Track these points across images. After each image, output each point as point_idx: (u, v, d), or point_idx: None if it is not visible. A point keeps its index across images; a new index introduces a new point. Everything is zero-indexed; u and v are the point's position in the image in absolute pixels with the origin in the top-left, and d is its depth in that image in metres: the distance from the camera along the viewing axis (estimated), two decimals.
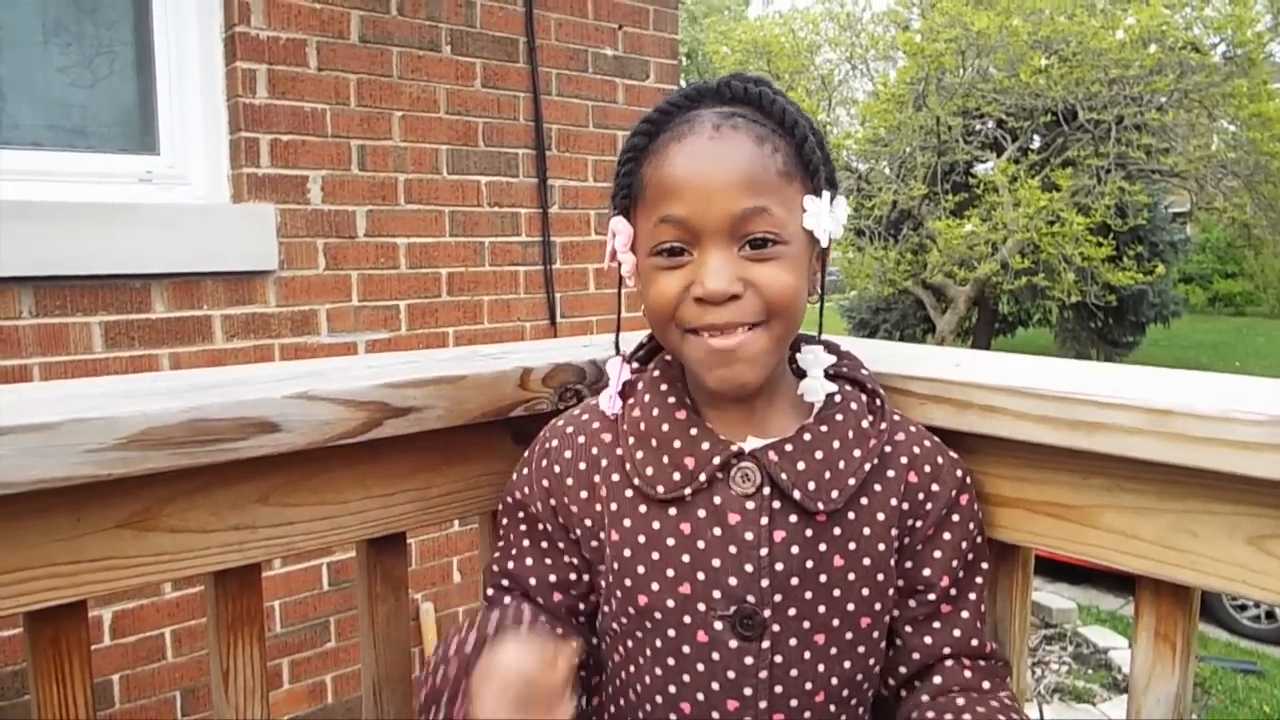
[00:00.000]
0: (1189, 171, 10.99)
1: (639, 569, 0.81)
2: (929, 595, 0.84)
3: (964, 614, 0.85)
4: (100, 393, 0.77)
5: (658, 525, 0.81)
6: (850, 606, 0.80)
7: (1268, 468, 0.67)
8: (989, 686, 0.84)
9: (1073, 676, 5.32)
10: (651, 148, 0.81)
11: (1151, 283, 11.60)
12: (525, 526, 0.89)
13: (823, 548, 0.79)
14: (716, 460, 0.79)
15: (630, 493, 0.82)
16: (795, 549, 0.78)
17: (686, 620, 0.79)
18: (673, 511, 0.80)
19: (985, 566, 0.88)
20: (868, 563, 0.81)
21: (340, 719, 2.70)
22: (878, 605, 0.82)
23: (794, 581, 0.78)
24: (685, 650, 0.79)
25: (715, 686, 0.78)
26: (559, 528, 0.87)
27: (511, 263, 3.03)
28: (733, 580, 0.78)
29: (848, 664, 0.81)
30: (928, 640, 0.85)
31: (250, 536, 0.83)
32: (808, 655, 0.79)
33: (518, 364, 0.95)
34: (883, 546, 0.82)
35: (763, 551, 0.78)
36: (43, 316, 2.20)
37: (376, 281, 2.73)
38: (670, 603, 0.80)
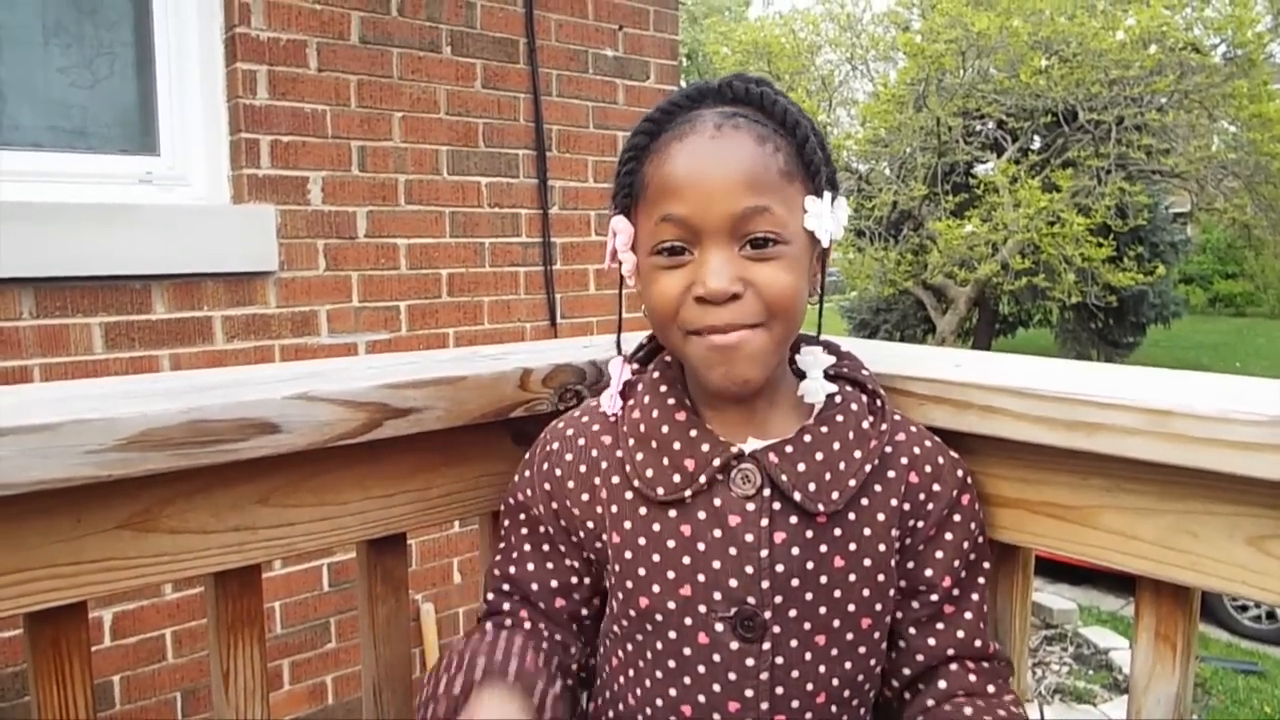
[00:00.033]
0: (1189, 172, 11.00)
1: (640, 571, 0.81)
2: (931, 596, 0.84)
3: (967, 615, 0.85)
4: (100, 394, 0.77)
5: (658, 527, 0.81)
6: (851, 607, 0.80)
7: (1268, 468, 0.67)
8: (994, 690, 0.84)
9: (1073, 677, 5.32)
10: (653, 147, 0.81)
11: (1152, 283, 11.60)
12: (526, 529, 0.89)
13: (823, 549, 0.79)
14: (716, 462, 0.79)
15: (630, 495, 0.82)
16: (796, 550, 0.78)
17: (687, 622, 0.79)
18: (673, 513, 0.80)
19: (987, 566, 0.88)
20: (868, 564, 0.81)
21: None
22: (878, 606, 0.82)
23: (794, 583, 0.78)
24: (686, 652, 0.79)
25: (716, 688, 0.78)
26: (561, 530, 0.87)
27: (512, 264, 3.03)
28: (733, 582, 0.78)
29: (849, 665, 0.81)
30: (931, 642, 0.84)
31: (250, 537, 0.83)
32: (809, 656, 0.79)
33: (518, 365, 0.95)
34: (883, 547, 0.81)
35: (763, 553, 0.78)
36: (43, 317, 2.20)
37: (377, 282, 2.73)
38: (671, 605, 0.80)
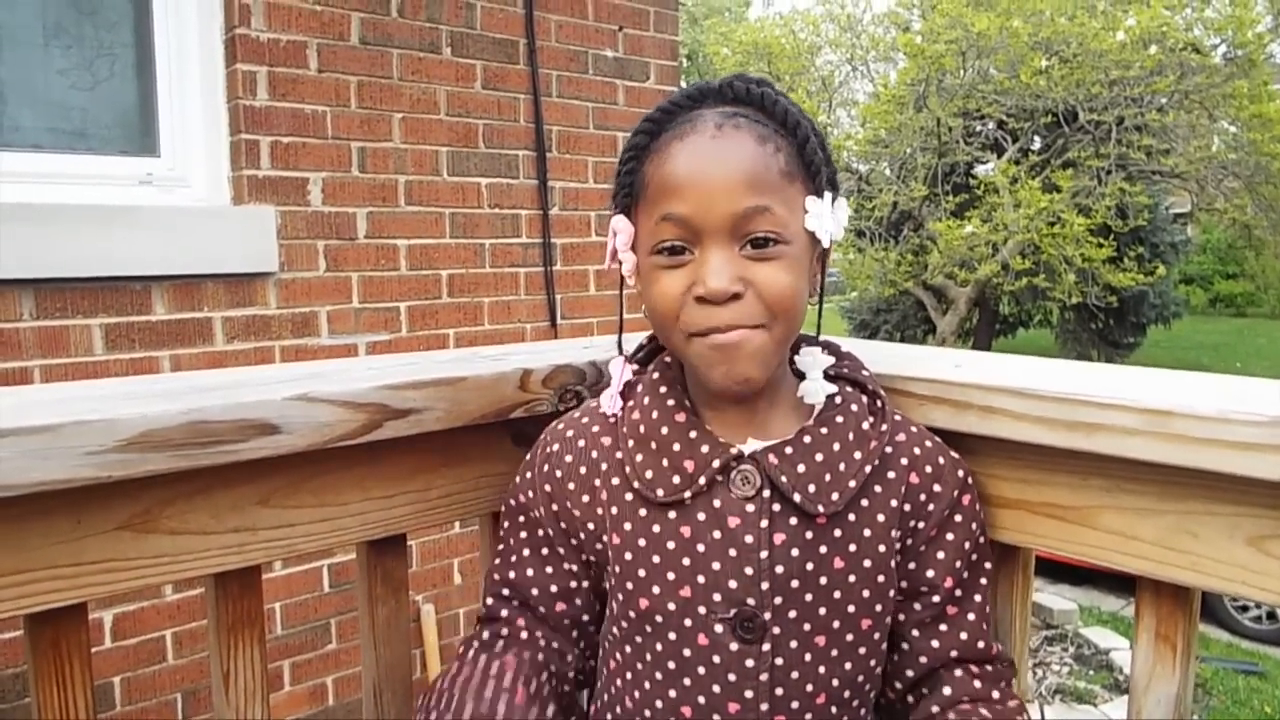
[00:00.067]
0: (1190, 172, 11.00)
1: (640, 572, 0.81)
2: (933, 597, 0.84)
3: (970, 616, 0.85)
4: (101, 395, 0.77)
5: (658, 528, 0.81)
6: (851, 608, 0.80)
7: (1268, 468, 0.67)
8: (998, 695, 0.83)
9: (1074, 677, 5.32)
10: (653, 146, 0.80)
11: (1152, 284, 11.61)
12: (526, 532, 0.89)
13: (823, 550, 0.79)
14: (716, 463, 0.79)
15: (630, 496, 0.82)
16: (795, 551, 0.78)
17: (687, 623, 0.79)
18: (673, 515, 0.80)
19: (989, 567, 0.87)
20: (868, 564, 0.81)
21: None
22: (878, 607, 0.82)
23: (794, 584, 0.78)
24: (686, 653, 0.79)
25: (716, 689, 0.78)
26: (561, 533, 0.87)
27: (512, 264, 3.03)
28: (733, 583, 0.78)
29: (849, 665, 0.81)
30: (934, 644, 0.84)
31: (250, 538, 0.82)
32: (808, 657, 0.79)
33: (518, 365, 0.94)
34: (883, 548, 0.81)
35: (763, 554, 0.78)
36: (43, 319, 2.21)
37: (377, 283, 2.73)
38: (671, 606, 0.80)
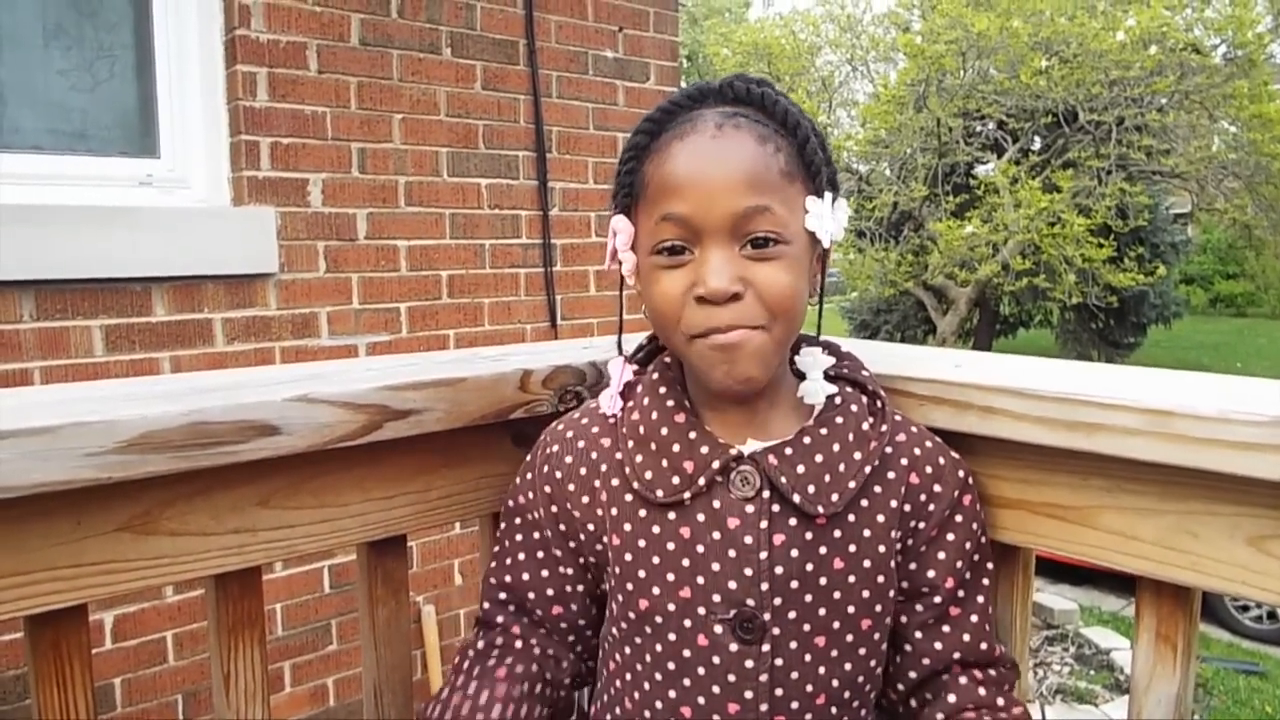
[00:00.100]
0: (1190, 173, 11.00)
1: (640, 573, 0.81)
2: (934, 598, 0.84)
3: (973, 618, 0.85)
4: (101, 396, 0.77)
5: (658, 529, 0.80)
6: (850, 609, 0.80)
7: (1268, 468, 0.67)
8: (1003, 703, 0.83)
9: (1075, 677, 5.32)
10: (654, 146, 0.80)
11: (1152, 284, 11.60)
12: (524, 534, 0.89)
13: (822, 550, 0.79)
14: (716, 464, 0.79)
15: (630, 497, 0.82)
16: (795, 552, 0.78)
17: (687, 624, 0.79)
18: (672, 515, 0.80)
19: (990, 567, 0.87)
20: (868, 565, 0.81)
21: None
22: (878, 607, 0.82)
23: (794, 585, 0.78)
24: (686, 654, 0.79)
25: (716, 690, 0.78)
26: (559, 535, 0.87)
27: (512, 265, 3.03)
28: (732, 584, 0.78)
29: (848, 666, 0.81)
30: (937, 646, 0.84)
31: (250, 539, 0.82)
32: (808, 658, 0.79)
33: (518, 366, 0.94)
34: (883, 548, 0.81)
35: (762, 555, 0.77)
36: (43, 320, 2.21)
37: (377, 284, 2.73)
38: (671, 606, 0.80)
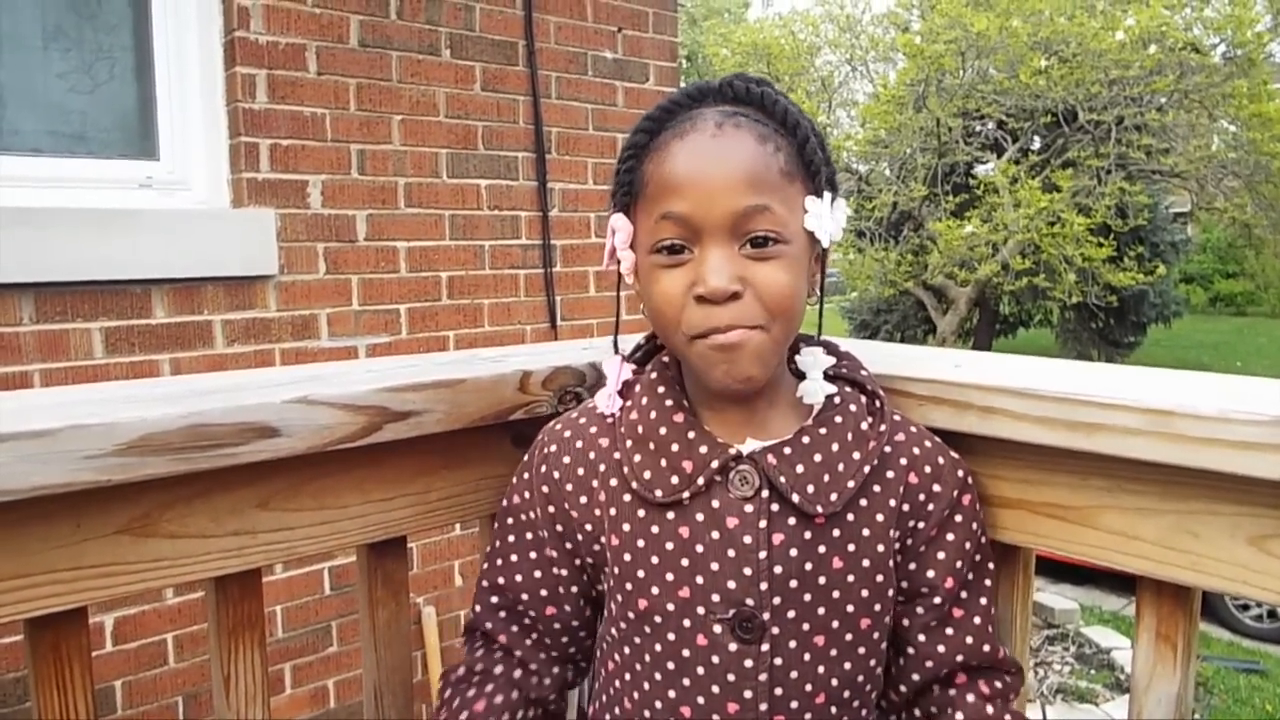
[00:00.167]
0: (1189, 172, 11.00)
1: (639, 573, 0.81)
2: (934, 598, 0.84)
3: (975, 619, 0.85)
4: (100, 398, 0.77)
5: (656, 529, 0.80)
6: (849, 608, 0.80)
7: (1269, 468, 0.67)
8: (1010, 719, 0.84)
9: (1075, 677, 5.31)
10: (653, 145, 0.80)
11: (1152, 283, 11.60)
12: (520, 534, 0.89)
13: (821, 550, 0.79)
14: (715, 464, 0.79)
15: (629, 497, 0.82)
16: (794, 552, 0.78)
17: (686, 624, 0.79)
18: (671, 515, 0.80)
19: (991, 568, 0.87)
20: (867, 564, 0.80)
21: None
22: (877, 606, 0.81)
23: (793, 584, 0.78)
24: (685, 654, 0.79)
25: (715, 690, 0.78)
26: (556, 535, 0.87)
27: (512, 266, 3.03)
28: (731, 584, 0.78)
29: (848, 665, 0.81)
30: (941, 649, 0.84)
31: (250, 542, 0.82)
32: (807, 657, 0.79)
33: (517, 367, 0.94)
34: (882, 548, 0.81)
35: (761, 555, 0.77)
36: (43, 322, 2.21)
37: (377, 285, 2.73)
38: (670, 606, 0.80)
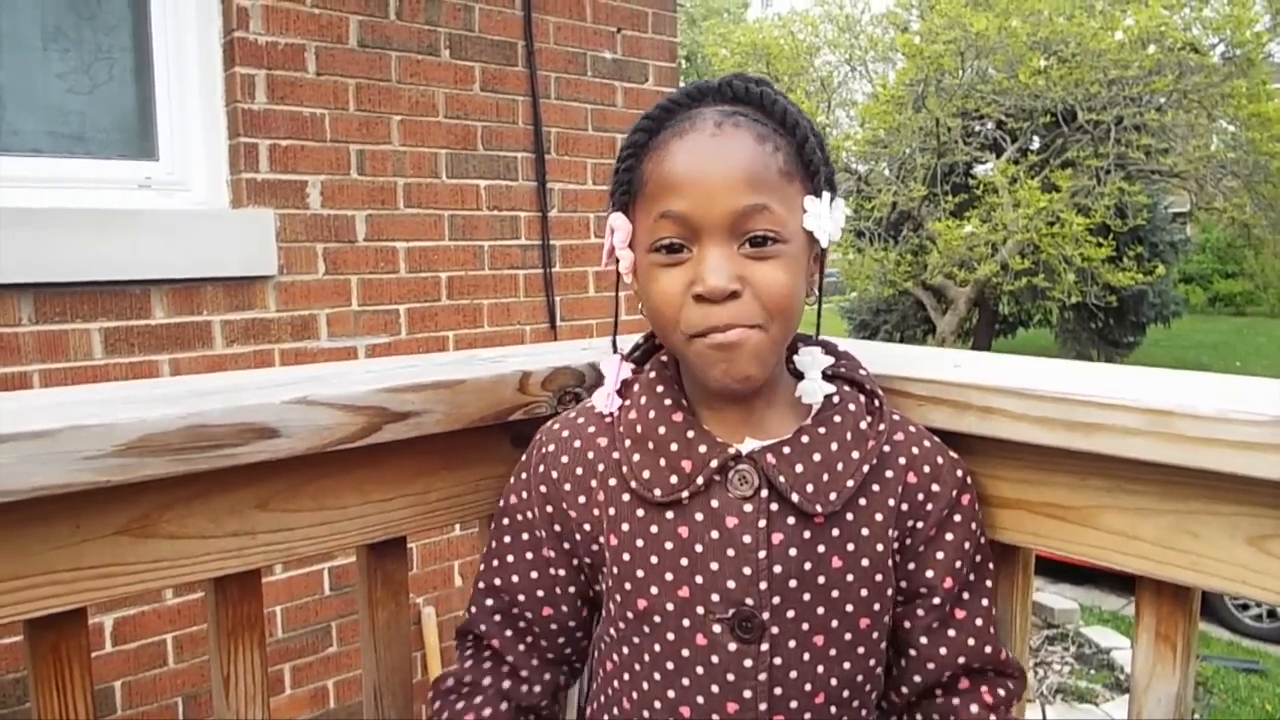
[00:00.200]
0: (1188, 172, 11.01)
1: (638, 573, 0.81)
2: (934, 599, 0.84)
3: (977, 621, 0.85)
4: (100, 399, 0.77)
5: (655, 529, 0.80)
6: (849, 608, 0.80)
7: (1268, 468, 0.67)
8: None
9: (1075, 677, 5.31)
10: (652, 144, 0.80)
11: (1152, 283, 11.61)
12: (517, 534, 0.89)
13: (821, 549, 0.79)
14: (714, 463, 0.79)
15: (628, 496, 0.82)
16: (793, 551, 0.78)
17: (685, 624, 0.79)
18: (670, 515, 0.80)
19: (991, 568, 0.87)
20: (866, 564, 0.81)
21: None
22: (876, 606, 0.82)
23: (792, 584, 0.78)
24: (684, 654, 0.79)
25: (715, 689, 0.78)
26: (554, 535, 0.87)
27: (511, 266, 3.03)
28: (731, 583, 0.78)
29: (847, 665, 0.81)
30: (943, 651, 0.84)
31: (250, 542, 0.82)
32: (807, 657, 0.79)
33: (517, 368, 0.94)
34: (881, 547, 0.81)
35: (761, 554, 0.77)
36: (42, 323, 2.20)
37: (376, 286, 2.73)
38: (669, 606, 0.79)
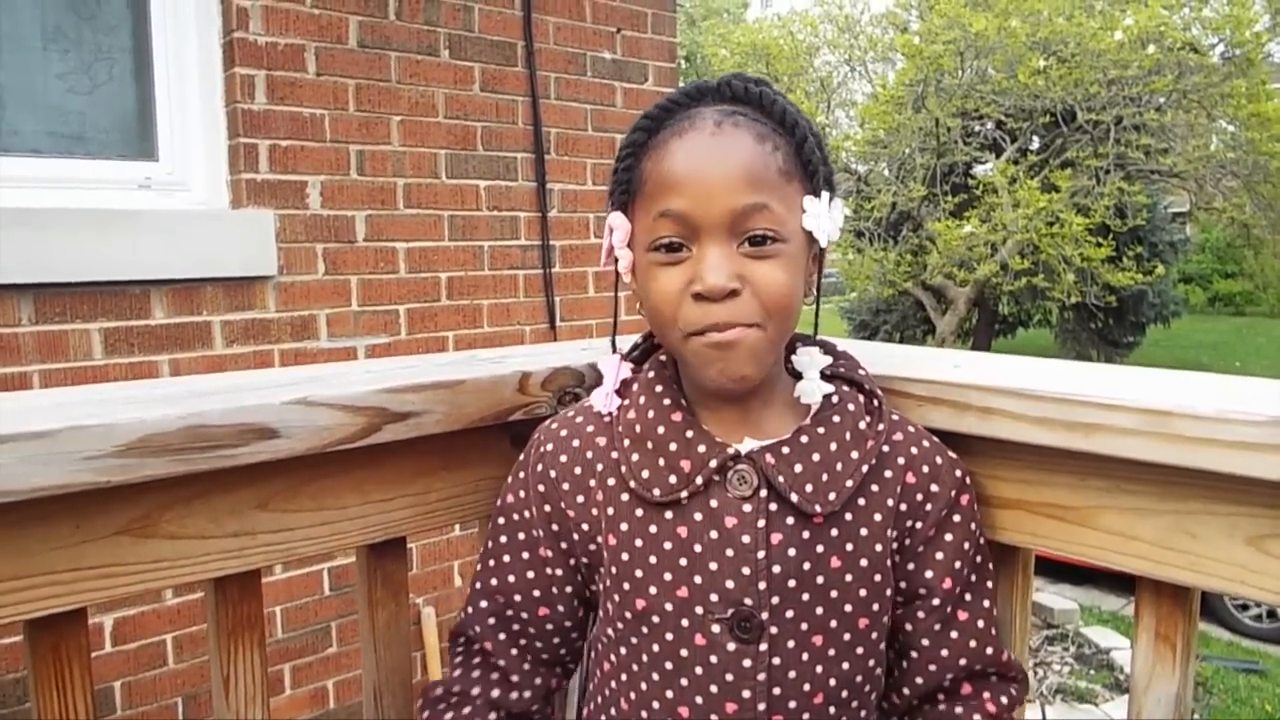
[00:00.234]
0: (1188, 172, 11.01)
1: (636, 573, 0.81)
2: (934, 600, 0.84)
3: (978, 622, 0.85)
4: (100, 399, 0.77)
5: (654, 529, 0.80)
6: (848, 608, 0.80)
7: (1267, 468, 0.67)
8: None
9: (1075, 677, 5.31)
10: (652, 143, 0.80)
11: (1151, 283, 11.61)
12: (513, 535, 0.89)
13: (820, 549, 0.79)
14: (713, 463, 0.79)
15: (626, 496, 0.82)
16: (792, 551, 0.78)
17: (684, 624, 0.79)
18: (669, 515, 0.80)
19: (991, 569, 0.87)
20: (865, 564, 0.81)
21: None
22: (875, 606, 0.82)
23: (791, 584, 0.78)
24: (683, 654, 0.79)
25: (714, 689, 0.78)
26: (552, 534, 0.87)
27: (511, 267, 3.03)
28: (730, 583, 0.78)
29: (846, 665, 0.81)
30: (944, 652, 0.84)
31: (250, 543, 0.82)
32: (806, 657, 0.79)
33: (516, 368, 0.94)
34: (880, 547, 0.81)
35: (760, 554, 0.77)
36: (42, 323, 2.20)
37: (376, 286, 2.73)
38: (668, 606, 0.79)
